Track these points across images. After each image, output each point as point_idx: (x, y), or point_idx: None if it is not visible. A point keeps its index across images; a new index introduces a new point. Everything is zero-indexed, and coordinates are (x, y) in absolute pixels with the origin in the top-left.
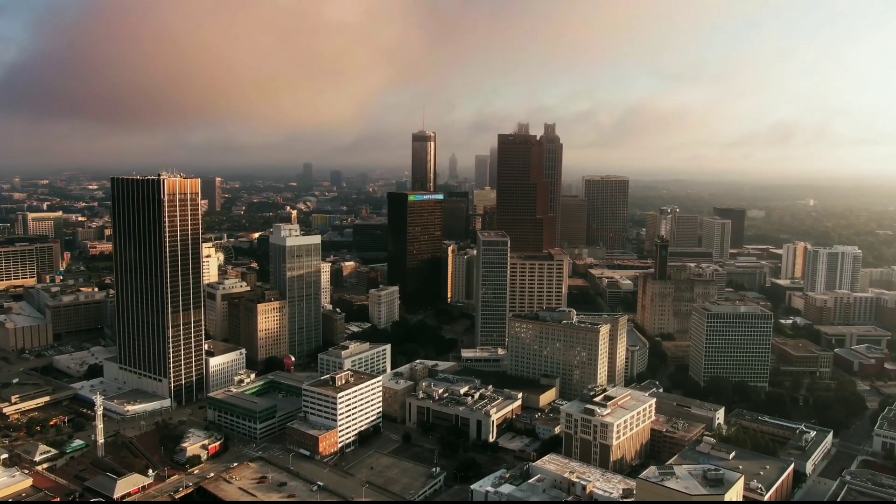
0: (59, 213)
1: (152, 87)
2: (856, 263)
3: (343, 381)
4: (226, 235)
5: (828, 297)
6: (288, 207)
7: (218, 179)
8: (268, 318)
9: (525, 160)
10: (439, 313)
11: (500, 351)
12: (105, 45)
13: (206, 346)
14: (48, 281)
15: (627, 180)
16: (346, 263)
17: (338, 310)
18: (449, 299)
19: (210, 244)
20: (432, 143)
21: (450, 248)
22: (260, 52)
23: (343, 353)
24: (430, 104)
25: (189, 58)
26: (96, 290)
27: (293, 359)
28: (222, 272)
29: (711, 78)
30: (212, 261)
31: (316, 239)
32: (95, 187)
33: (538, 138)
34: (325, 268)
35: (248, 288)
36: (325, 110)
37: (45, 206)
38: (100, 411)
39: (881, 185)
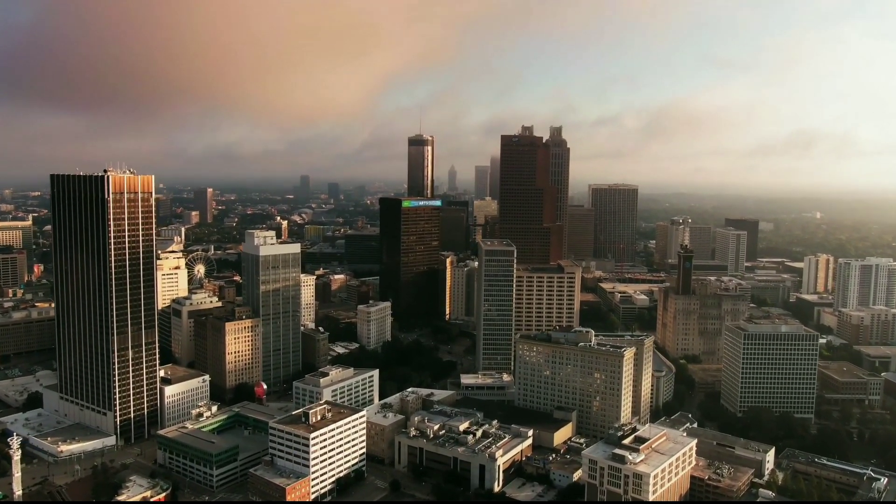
0: (29, 223)
1: (142, 71)
2: (892, 277)
3: (318, 418)
4: (213, 247)
5: (864, 314)
6: (279, 218)
7: (210, 190)
8: (238, 338)
9: (531, 163)
10: (436, 332)
11: (506, 377)
12: (81, 20)
13: (161, 373)
14: (10, 295)
15: (637, 189)
16: (336, 276)
17: (321, 329)
18: (447, 316)
19: (178, 254)
20: (430, 148)
21: (448, 260)
22: (267, 24)
23: (322, 380)
24: (442, 105)
25: (183, 34)
26: (53, 305)
27: (265, 387)
28: (198, 286)
29: (765, 67)
30: (181, 273)
31: (294, 248)
32: None
33: (544, 141)
34: (310, 281)
35: (219, 304)
36: (333, 101)
37: (29, 218)
38: (16, 456)
39: (886, 198)
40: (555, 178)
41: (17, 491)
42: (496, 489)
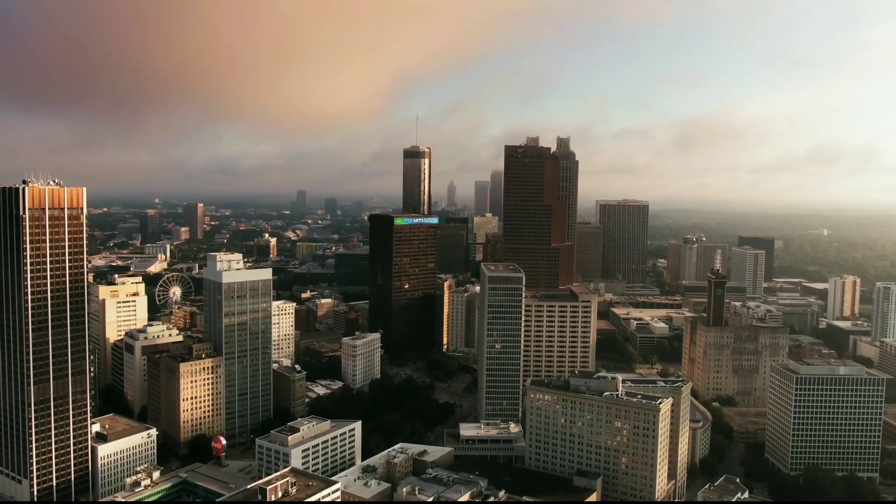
0: None
1: (131, 72)
2: None
3: (279, 495)
4: (198, 265)
5: None
6: (267, 235)
7: (201, 205)
8: (195, 382)
9: (538, 177)
10: (432, 366)
11: (514, 427)
12: (61, 7)
13: (96, 427)
14: None
15: (647, 205)
16: (323, 301)
17: (297, 367)
18: (445, 347)
19: (137, 278)
20: (427, 160)
21: (446, 284)
22: (273, 18)
23: (291, 438)
24: (457, 113)
25: (178, 27)
26: None
27: (224, 442)
28: (169, 312)
29: (835, 67)
30: (140, 300)
31: (264, 273)
32: None
33: (552, 151)
34: (289, 309)
35: (180, 338)
36: (341, 109)
37: None
38: None
39: (892, 215)
40: (563, 193)
41: None
42: None
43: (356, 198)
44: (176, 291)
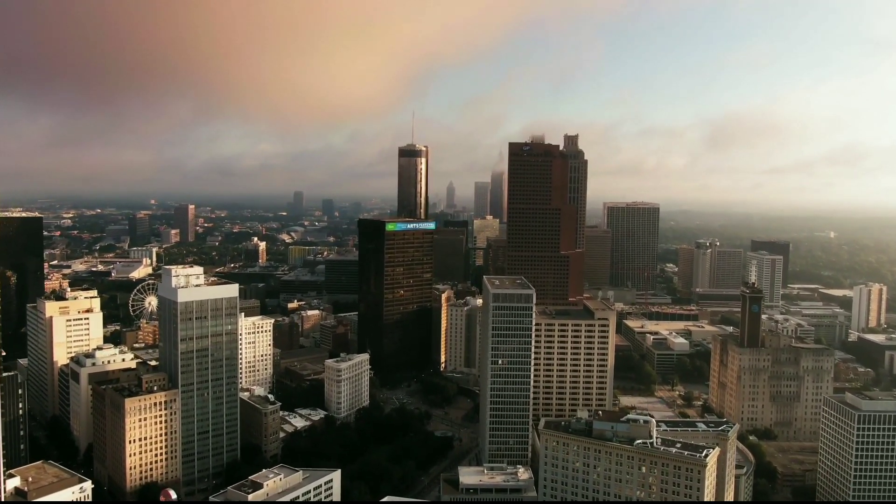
0: None
1: (121, 61)
2: None
3: None
4: None
5: None
6: (255, 239)
7: (192, 207)
8: (144, 420)
9: (545, 178)
10: (427, 389)
11: (523, 473)
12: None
13: (15, 482)
14: None
15: (658, 207)
16: (310, 312)
17: (270, 396)
18: (442, 366)
19: (92, 293)
20: (424, 160)
21: (443, 296)
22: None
23: (251, 497)
24: (473, 108)
25: (175, 19)
26: None
27: (175, 496)
28: (135, 328)
29: None
30: (94, 318)
31: (230, 290)
32: (71, 215)
33: (560, 149)
34: (266, 326)
35: (132, 363)
36: (349, 103)
37: None
38: None
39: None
40: (572, 195)
41: None
42: None
43: (355, 199)
44: (152, 301)
